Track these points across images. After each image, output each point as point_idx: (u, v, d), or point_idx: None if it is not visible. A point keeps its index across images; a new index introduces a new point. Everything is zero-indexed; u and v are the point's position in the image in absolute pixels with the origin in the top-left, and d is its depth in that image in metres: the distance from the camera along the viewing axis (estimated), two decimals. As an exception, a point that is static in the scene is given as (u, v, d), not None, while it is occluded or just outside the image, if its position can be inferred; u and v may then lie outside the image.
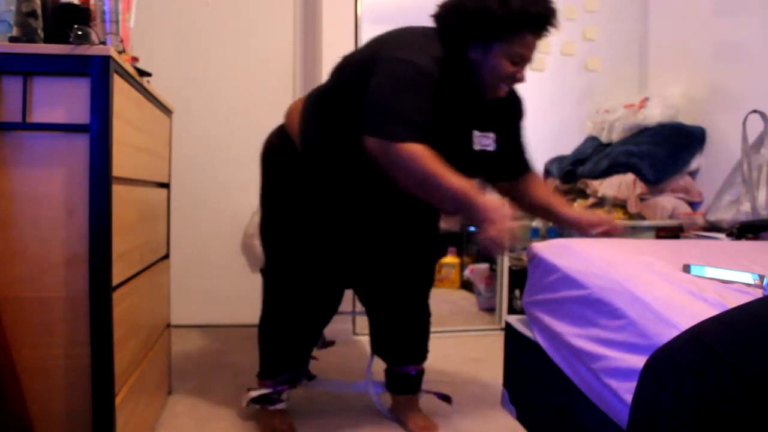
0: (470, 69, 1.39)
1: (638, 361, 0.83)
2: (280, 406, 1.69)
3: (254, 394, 1.69)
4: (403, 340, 1.75)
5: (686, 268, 0.98)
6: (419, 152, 1.25)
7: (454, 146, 1.41)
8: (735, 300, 0.83)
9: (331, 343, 1.87)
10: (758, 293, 0.88)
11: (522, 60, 1.38)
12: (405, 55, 1.32)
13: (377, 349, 1.81)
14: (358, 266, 1.68)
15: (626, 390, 0.85)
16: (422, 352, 1.79)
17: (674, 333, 0.72)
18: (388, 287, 1.72)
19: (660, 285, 0.92)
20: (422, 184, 1.27)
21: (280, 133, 1.65)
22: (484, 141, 1.47)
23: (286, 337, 1.66)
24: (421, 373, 1.78)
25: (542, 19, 1.34)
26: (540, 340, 1.17)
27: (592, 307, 0.99)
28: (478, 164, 1.49)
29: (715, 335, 0.65)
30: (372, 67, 1.34)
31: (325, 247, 1.59)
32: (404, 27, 1.44)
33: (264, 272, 1.70)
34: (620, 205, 2.71)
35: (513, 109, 1.60)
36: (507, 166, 1.59)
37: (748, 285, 0.92)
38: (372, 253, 1.64)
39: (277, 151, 1.63)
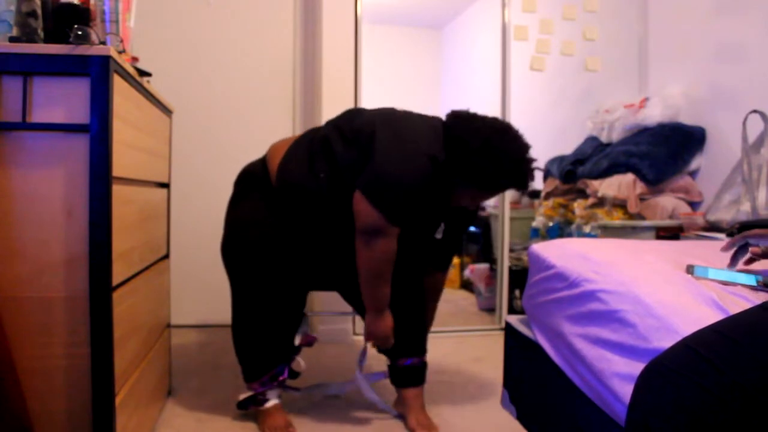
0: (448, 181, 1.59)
1: (639, 364, 0.83)
2: (269, 404, 1.71)
3: (241, 397, 1.74)
4: (397, 331, 1.75)
5: (689, 269, 0.97)
6: (392, 251, 1.53)
7: (421, 231, 1.70)
8: (736, 305, 0.83)
9: (312, 341, 1.87)
10: (760, 295, 0.87)
11: (482, 202, 1.64)
12: (418, 145, 1.52)
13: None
14: (328, 273, 1.75)
15: (626, 391, 0.84)
16: (420, 344, 1.79)
17: (676, 338, 0.72)
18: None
19: (663, 287, 0.91)
20: (372, 270, 1.55)
21: (262, 165, 1.73)
22: (440, 231, 1.74)
23: (257, 339, 1.70)
24: (424, 365, 1.79)
25: (520, 187, 1.60)
26: (540, 339, 1.17)
27: (593, 308, 0.98)
28: (429, 248, 1.78)
29: (707, 343, 0.66)
30: (382, 137, 1.51)
31: (294, 252, 1.66)
32: (420, 115, 1.65)
33: (230, 280, 1.74)
34: (620, 205, 2.71)
35: (468, 214, 1.83)
36: (439, 257, 1.84)
37: (751, 287, 0.91)
38: (341, 261, 1.68)
39: (258, 176, 1.71)
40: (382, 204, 1.47)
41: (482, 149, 1.50)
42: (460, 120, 1.57)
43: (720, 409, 0.60)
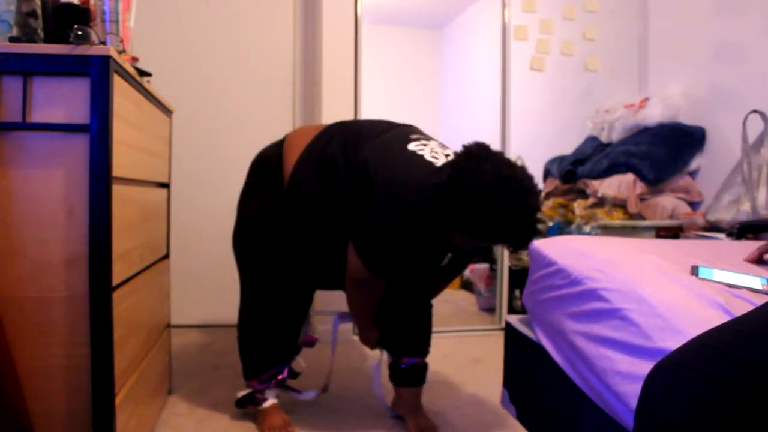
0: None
1: (641, 363, 0.83)
2: (267, 404, 1.72)
3: (239, 395, 1.75)
4: (401, 330, 1.76)
5: (694, 270, 0.97)
6: (378, 295, 1.61)
7: (429, 264, 1.69)
8: (741, 308, 0.82)
9: (313, 342, 1.88)
10: (765, 298, 0.87)
11: (472, 246, 1.55)
12: (414, 204, 1.42)
13: (381, 340, 1.82)
14: (336, 272, 1.73)
15: (628, 391, 0.84)
16: (424, 345, 1.80)
17: (680, 339, 0.71)
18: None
19: (667, 287, 0.91)
20: (356, 307, 1.67)
21: (278, 158, 1.70)
22: (447, 259, 1.73)
23: (263, 333, 1.70)
24: (425, 365, 1.79)
25: (508, 245, 1.45)
26: (540, 337, 1.17)
27: (595, 306, 0.98)
28: (434, 274, 1.78)
29: (720, 337, 0.64)
30: (379, 191, 1.46)
31: (301, 252, 1.67)
32: (425, 165, 1.48)
33: (240, 275, 1.74)
34: (620, 205, 2.71)
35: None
36: (443, 276, 1.83)
37: (756, 290, 0.90)
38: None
39: (273, 171, 1.69)
40: (370, 264, 1.49)
41: (473, 194, 1.33)
42: (470, 158, 1.40)
43: (738, 399, 0.58)
